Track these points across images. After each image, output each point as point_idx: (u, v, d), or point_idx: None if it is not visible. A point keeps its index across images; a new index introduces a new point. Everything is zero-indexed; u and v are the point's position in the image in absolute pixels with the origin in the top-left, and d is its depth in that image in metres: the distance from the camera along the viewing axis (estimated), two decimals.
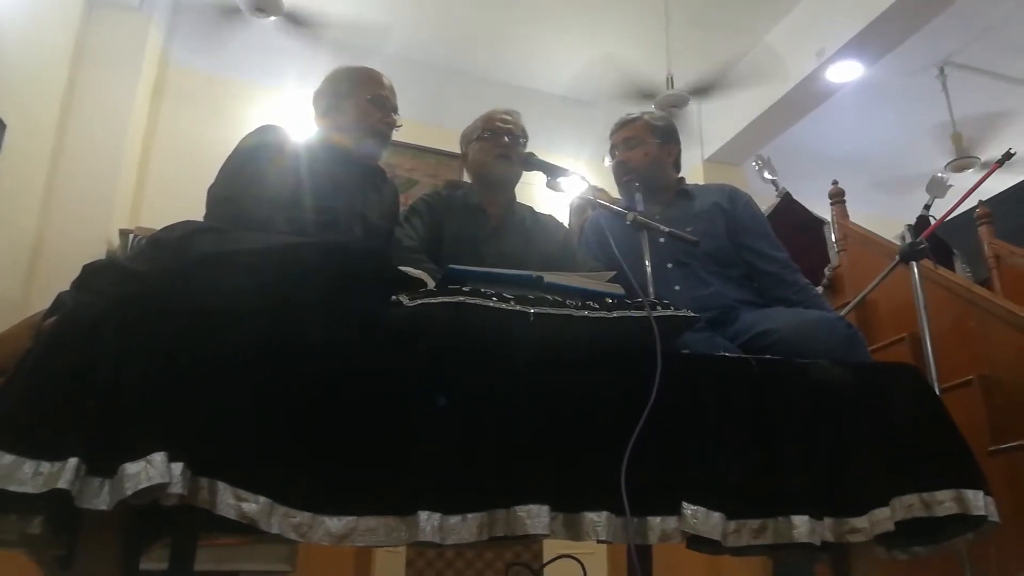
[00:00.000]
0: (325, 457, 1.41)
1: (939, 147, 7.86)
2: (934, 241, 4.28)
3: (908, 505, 1.68)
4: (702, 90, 6.69)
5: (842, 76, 6.38)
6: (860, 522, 1.64)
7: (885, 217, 7.52)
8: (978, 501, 1.70)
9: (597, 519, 1.46)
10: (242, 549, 1.82)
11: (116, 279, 1.47)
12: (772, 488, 1.62)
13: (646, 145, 2.71)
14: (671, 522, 1.53)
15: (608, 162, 2.78)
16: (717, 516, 1.55)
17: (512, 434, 1.50)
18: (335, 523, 1.37)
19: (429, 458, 1.45)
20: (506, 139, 2.58)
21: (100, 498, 1.24)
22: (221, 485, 1.30)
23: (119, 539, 1.41)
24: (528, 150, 2.54)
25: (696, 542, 1.62)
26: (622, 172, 2.69)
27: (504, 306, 1.53)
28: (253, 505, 1.31)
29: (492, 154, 2.57)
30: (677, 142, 2.80)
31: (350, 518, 1.38)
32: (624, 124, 2.78)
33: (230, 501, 1.30)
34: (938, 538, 1.79)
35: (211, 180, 2.09)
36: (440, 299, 1.53)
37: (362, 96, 2.41)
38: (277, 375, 1.42)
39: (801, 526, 1.57)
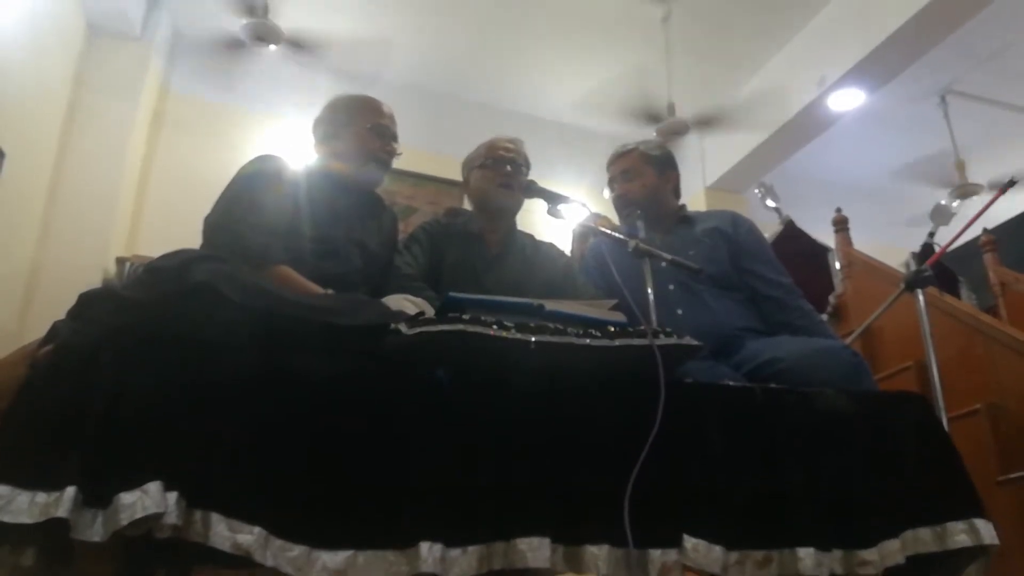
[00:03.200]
0: (322, 488, 1.39)
1: (942, 175, 7.87)
2: (939, 269, 4.27)
3: (921, 539, 1.66)
4: (703, 118, 6.72)
5: (844, 104, 6.40)
6: (870, 554, 1.62)
7: (889, 245, 7.53)
8: (988, 530, 1.69)
9: (598, 552, 1.44)
10: None
11: (112, 308, 1.46)
12: (777, 519, 1.60)
13: (644, 176, 2.71)
14: (672, 554, 1.51)
15: (607, 194, 2.77)
16: (718, 549, 1.53)
17: (512, 464, 1.48)
18: (332, 557, 1.35)
19: (428, 489, 1.43)
20: (508, 168, 2.57)
21: (94, 529, 1.23)
22: (215, 516, 1.28)
23: (112, 573, 1.39)
24: (529, 177, 2.53)
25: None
26: (622, 204, 2.69)
27: (504, 334, 1.52)
28: (248, 536, 1.28)
29: (494, 183, 2.56)
30: (675, 169, 2.79)
31: (348, 552, 1.36)
32: (620, 156, 2.77)
33: (224, 532, 1.28)
34: (943, 570, 1.76)
35: (209, 208, 2.08)
36: (440, 327, 1.51)
37: (362, 124, 2.41)
38: (274, 404, 1.41)
39: (807, 558, 1.55)
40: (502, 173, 2.56)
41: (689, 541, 1.51)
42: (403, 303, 1.90)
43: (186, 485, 1.27)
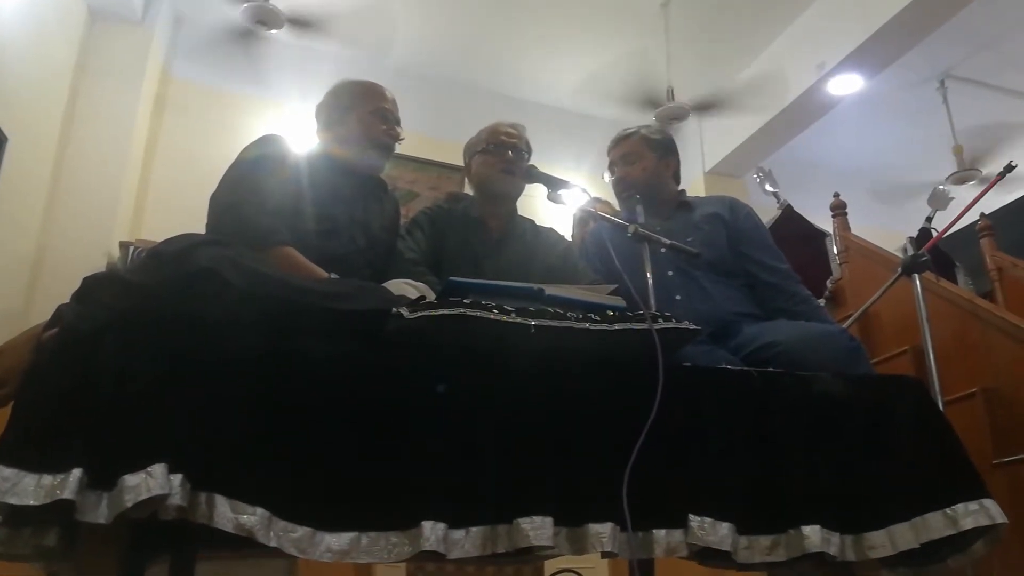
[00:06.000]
0: (325, 470, 1.41)
1: (940, 160, 7.87)
2: (936, 253, 4.28)
3: (934, 525, 1.66)
4: (703, 103, 6.72)
5: (843, 89, 6.39)
6: (877, 538, 1.63)
7: (887, 229, 7.53)
8: (996, 508, 1.70)
9: (601, 531, 1.45)
10: (242, 564, 1.81)
11: (116, 291, 1.47)
12: (778, 500, 1.61)
13: (644, 160, 2.71)
14: (676, 535, 1.53)
15: (607, 178, 2.78)
16: (725, 526, 1.54)
17: (514, 446, 1.49)
18: (336, 539, 1.36)
19: (430, 472, 1.44)
20: (510, 153, 2.58)
21: (99, 511, 1.24)
22: (219, 498, 1.29)
23: (119, 556, 1.40)
24: (530, 163, 2.54)
25: (707, 557, 1.61)
26: (622, 188, 2.69)
27: (505, 318, 1.53)
28: (251, 517, 1.30)
29: (496, 168, 2.57)
30: (675, 154, 2.79)
31: (351, 534, 1.37)
32: (621, 140, 2.77)
33: (228, 514, 1.29)
34: (940, 555, 1.77)
35: (212, 192, 2.08)
36: (441, 311, 1.53)
37: (365, 109, 2.42)
38: (277, 387, 1.42)
39: (812, 536, 1.56)
40: (503, 159, 2.57)
41: (694, 520, 1.53)
42: (404, 288, 1.91)
43: (190, 467, 1.28)
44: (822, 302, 5.02)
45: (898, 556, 1.68)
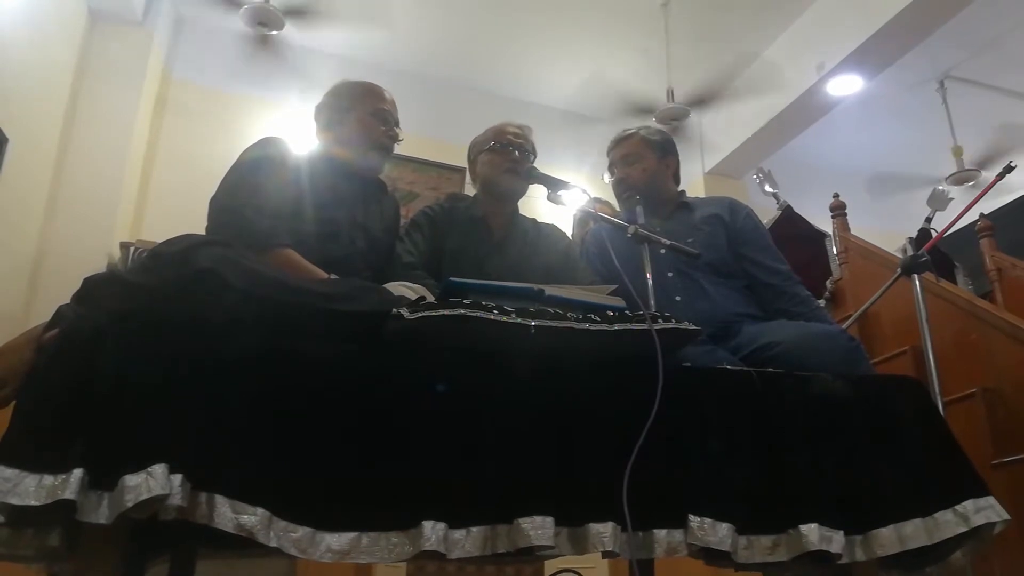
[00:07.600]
0: (325, 470, 1.41)
1: (939, 160, 7.87)
2: (936, 254, 4.28)
3: (945, 523, 1.67)
4: (703, 103, 6.72)
5: (842, 90, 6.39)
6: (880, 537, 1.63)
7: (886, 230, 7.52)
8: (1000, 507, 1.70)
9: (602, 531, 1.45)
10: (242, 563, 1.82)
11: (117, 292, 1.47)
12: (777, 500, 1.61)
13: (644, 161, 2.72)
14: (677, 535, 1.53)
15: (607, 179, 2.78)
16: (725, 527, 1.54)
17: (514, 447, 1.49)
18: (336, 539, 1.36)
19: (431, 472, 1.44)
20: (515, 153, 2.58)
21: (100, 512, 1.25)
22: (219, 498, 1.29)
23: (119, 556, 1.40)
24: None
25: (712, 556, 1.61)
26: (622, 189, 2.69)
27: (505, 319, 1.53)
28: (251, 517, 1.30)
29: (501, 168, 2.58)
30: (675, 155, 2.80)
31: (352, 534, 1.38)
32: (621, 141, 2.78)
33: (228, 514, 1.29)
34: (940, 552, 1.77)
35: (212, 193, 2.09)
36: (441, 312, 1.53)
37: (364, 110, 2.43)
38: (277, 388, 1.42)
39: (810, 534, 1.56)
40: (509, 157, 2.57)
41: (694, 520, 1.53)
42: (403, 290, 1.91)
43: (190, 468, 1.28)
44: (822, 302, 5.02)
45: (891, 559, 1.69)
